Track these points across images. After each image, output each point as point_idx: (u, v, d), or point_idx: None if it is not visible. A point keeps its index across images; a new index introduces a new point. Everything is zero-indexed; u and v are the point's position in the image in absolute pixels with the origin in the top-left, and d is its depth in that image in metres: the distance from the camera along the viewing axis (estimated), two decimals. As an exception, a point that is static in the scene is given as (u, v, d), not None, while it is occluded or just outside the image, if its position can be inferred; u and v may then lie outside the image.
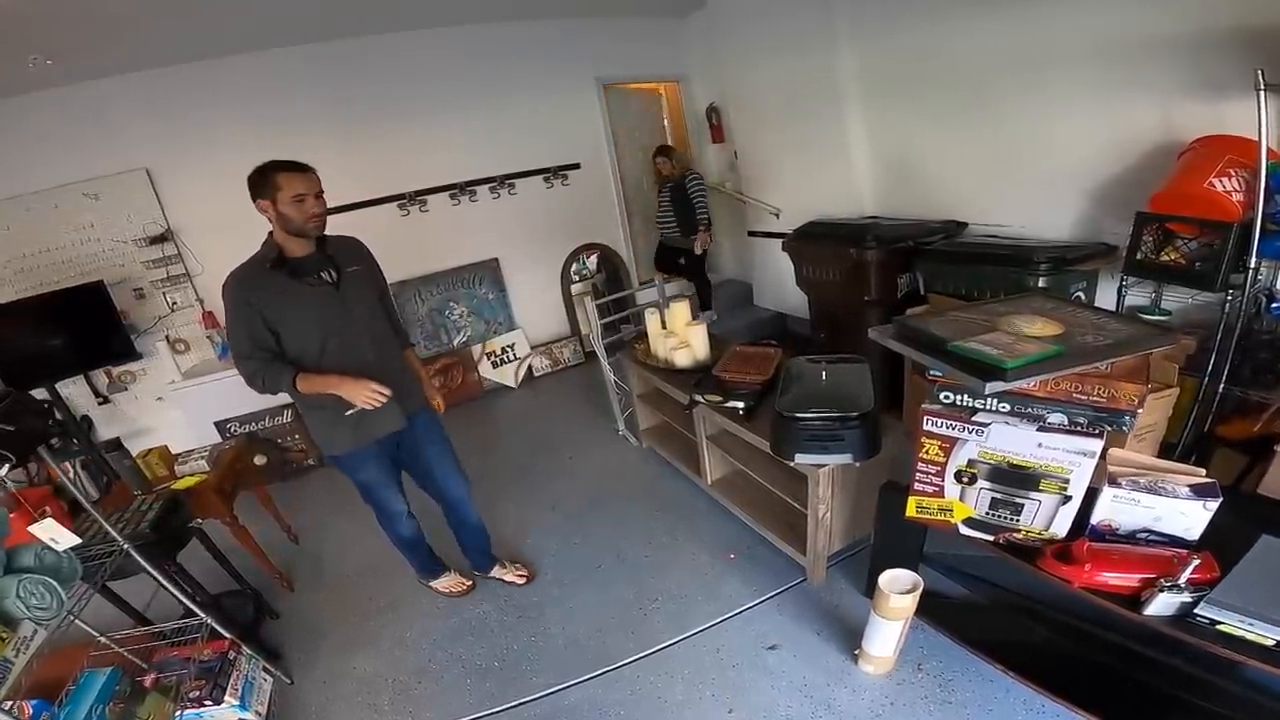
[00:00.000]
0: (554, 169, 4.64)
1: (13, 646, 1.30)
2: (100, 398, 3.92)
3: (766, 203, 4.43)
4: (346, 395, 1.69)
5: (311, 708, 1.98)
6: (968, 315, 1.59)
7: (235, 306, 1.66)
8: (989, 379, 1.24)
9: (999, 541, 1.48)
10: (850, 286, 3.19)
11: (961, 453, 1.44)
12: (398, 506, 2.09)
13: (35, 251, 3.58)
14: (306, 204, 1.64)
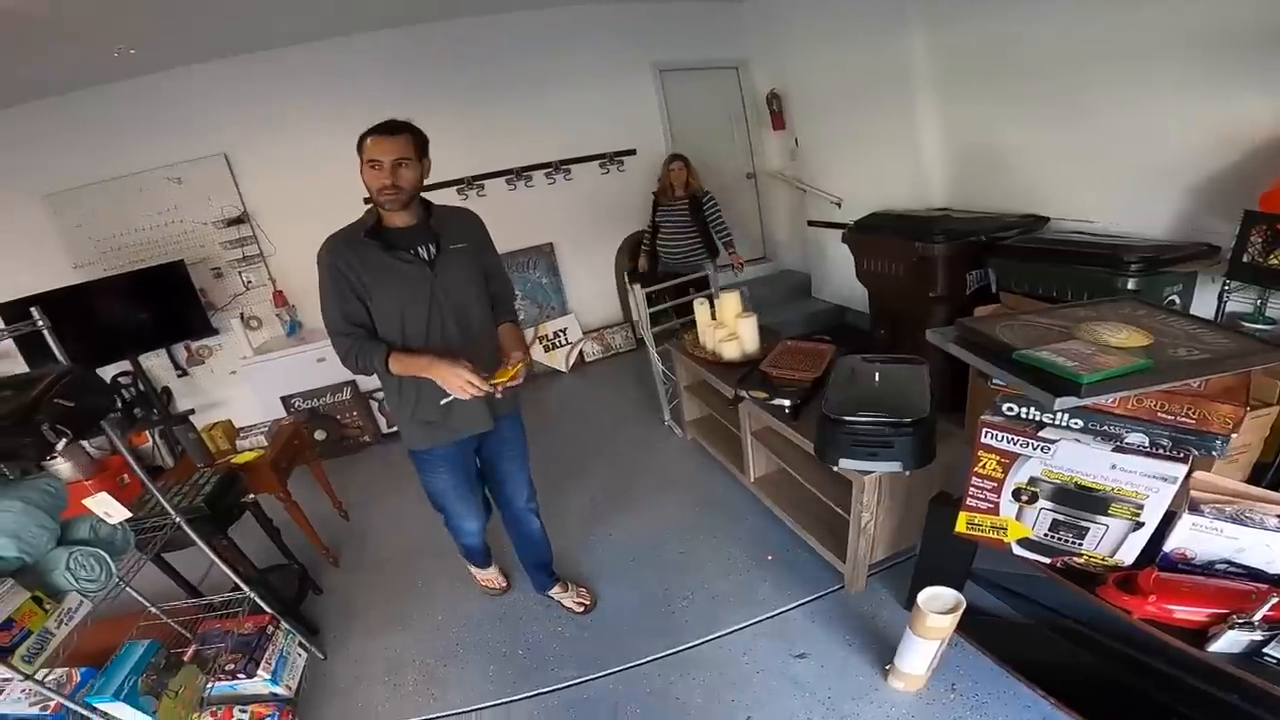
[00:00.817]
0: (610, 155, 4.62)
1: (56, 618, 1.35)
2: (180, 371, 4.20)
3: (828, 192, 4.25)
4: (440, 380, 1.53)
5: (340, 684, 2.03)
6: (1043, 320, 1.45)
7: (327, 275, 1.53)
8: (1060, 393, 1.11)
9: (1056, 565, 1.35)
10: (913, 282, 3.01)
11: (1023, 470, 1.32)
12: (470, 525, 1.99)
13: (123, 232, 3.85)
14: (381, 172, 1.47)
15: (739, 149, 5.12)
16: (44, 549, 1.40)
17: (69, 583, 1.41)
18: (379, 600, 2.42)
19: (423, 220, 1.61)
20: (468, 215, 1.75)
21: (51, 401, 1.38)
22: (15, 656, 1.22)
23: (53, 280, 3.47)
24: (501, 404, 1.76)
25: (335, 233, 1.58)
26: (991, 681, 1.62)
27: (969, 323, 1.47)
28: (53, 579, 1.40)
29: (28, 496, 1.39)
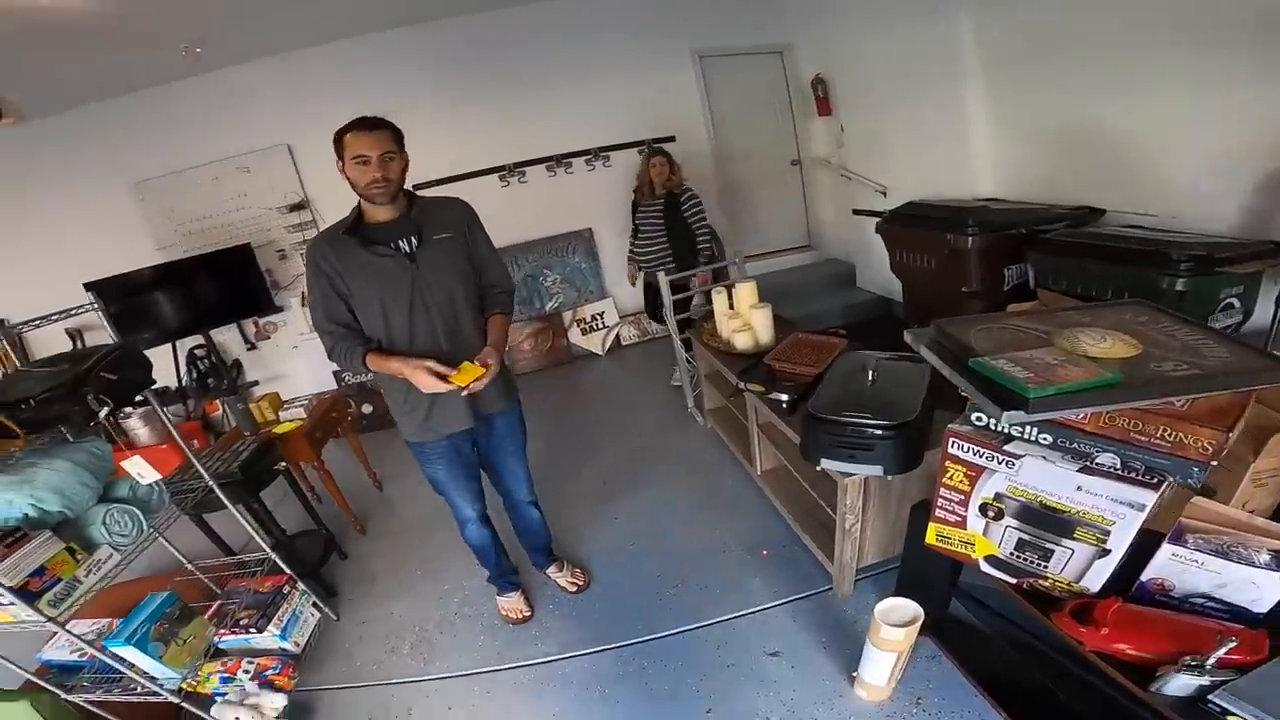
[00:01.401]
0: (648, 142, 4.59)
1: (85, 568, 1.48)
2: (249, 345, 4.58)
3: (873, 180, 4.08)
4: (410, 379, 1.55)
5: (345, 644, 2.19)
6: (1026, 324, 1.36)
7: (312, 274, 1.57)
8: (1008, 406, 1.05)
9: (1022, 586, 1.29)
10: (946, 275, 2.87)
11: (988, 484, 1.25)
12: (466, 512, 1.96)
13: (199, 217, 4.24)
14: (369, 167, 1.48)
15: (783, 135, 4.98)
16: (85, 505, 1.57)
17: (103, 536, 1.57)
18: (395, 567, 2.58)
19: (405, 213, 1.61)
20: (454, 204, 1.73)
21: (98, 375, 1.55)
22: (42, 601, 1.37)
23: (139, 260, 3.89)
24: (490, 401, 1.75)
25: (319, 232, 1.65)
26: (960, 699, 1.56)
27: (945, 323, 1.40)
28: (89, 533, 1.57)
29: (75, 457, 1.56)
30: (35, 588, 1.37)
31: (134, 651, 1.60)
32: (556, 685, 1.86)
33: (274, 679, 1.86)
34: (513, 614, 2.16)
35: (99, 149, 3.99)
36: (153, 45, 3.22)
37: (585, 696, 1.81)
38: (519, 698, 1.86)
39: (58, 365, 1.59)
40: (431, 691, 1.94)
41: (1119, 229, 2.48)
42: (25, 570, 1.38)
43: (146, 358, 1.80)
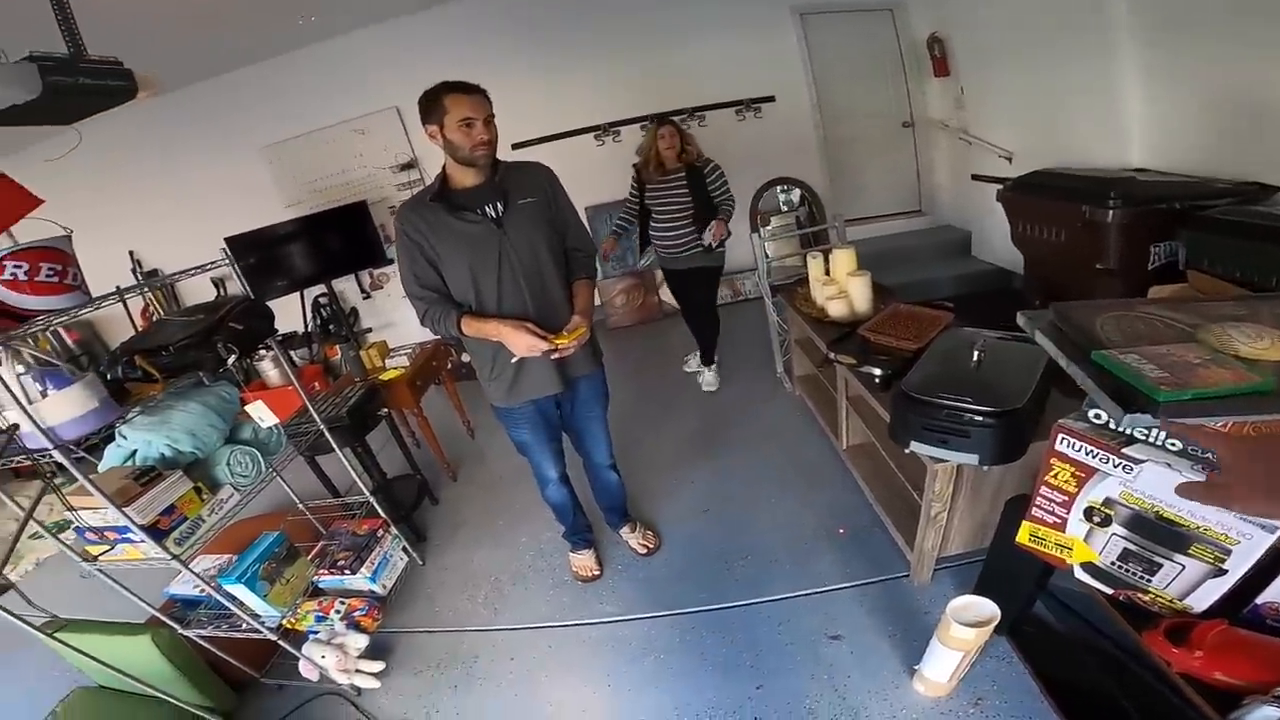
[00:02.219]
0: (746, 101, 4.43)
1: (209, 507, 1.59)
2: (365, 294, 4.98)
3: (997, 145, 3.70)
4: (507, 343, 1.58)
5: (427, 589, 2.34)
6: (1165, 313, 1.19)
7: (400, 242, 1.60)
8: (1133, 409, 0.94)
9: (1118, 597, 1.17)
10: (1078, 251, 2.57)
11: (1099, 487, 1.14)
12: (549, 473, 2.03)
13: (321, 177, 4.62)
14: (474, 129, 1.48)
15: (893, 96, 4.63)
16: (214, 446, 1.73)
17: (226, 476, 1.71)
18: (480, 517, 2.73)
19: (489, 178, 1.60)
20: (537, 168, 1.72)
21: (227, 324, 1.68)
22: (169, 539, 1.49)
23: (271, 217, 4.29)
24: (577, 365, 1.78)
25: (405, 201, 1.64)
26: (1023, 704, 1.47)
27: (1066, 308, 1.25)
28: (214, 473, 1.71)
29: (206, 400, 1.72)
30: (164, 526, 1.49)
31: (243, 590, 1.72)
32: (615, 646, 1.91)
33: (360, 620, 2.00)
34: (583, 571, 2.23)
35: (232, 116, 4.42)
36: (273, 15, 3.47)
37: (640, 660, 1.85)
38: (577, 655, 1.93)
39: (194, 315, 1.72)
40: (498, 641, 2.05)
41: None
42: (157, 508, 1.48)
43: (270, 309, 1.92)
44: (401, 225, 1.59)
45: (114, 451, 1.61)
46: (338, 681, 1.89)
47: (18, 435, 1.31)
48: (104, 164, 4.40)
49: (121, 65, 1.69)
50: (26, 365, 1.34)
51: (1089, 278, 2.54)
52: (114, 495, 1.39)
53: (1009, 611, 1.47)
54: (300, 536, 2.15)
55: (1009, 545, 1.47)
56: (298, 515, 2.38)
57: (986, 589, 1.51)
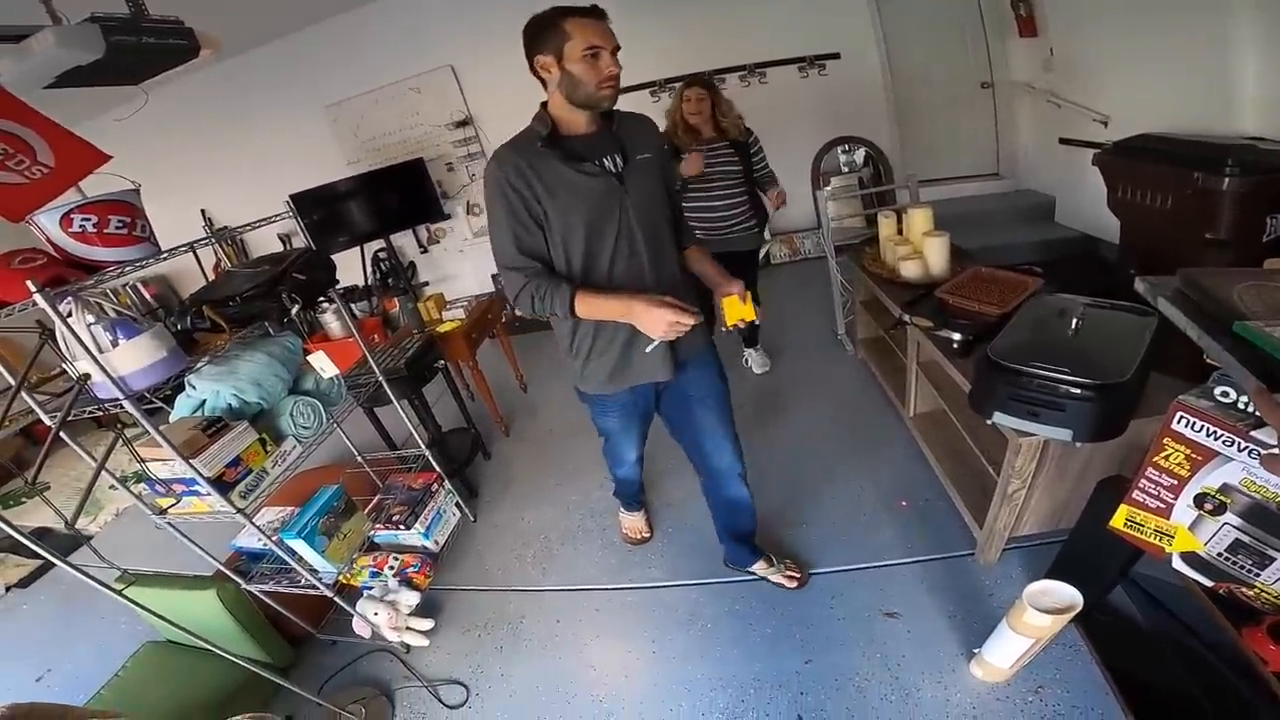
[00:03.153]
0: (810, 58, 4.23)
1: (273, 459, 1.57)
2: (422, 248, 5.07)
3: (1090, 108, 3.42)
4: (643, 324, 1.28)
5: (477, 546, 2.37)
6: (1318, 284, 1.06)
7: (497, 196, 1.27)
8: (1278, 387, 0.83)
9: (1218, 590, 1.07)
10: (1184, 219, 2.36)
11: (1216, 473, 1.03)
12: (628, 455, 1.84)
13: (381, 135, 4.69)
14: (601, 61, 1.21)
15: (970, 56, 4.32)
16: (279, 397, 1.73)
17: (290, 427, 1.70)
18: (532, 473, 2.75)
19: (604, 127, 1.34)
20: (647, 121, 1.46)
21: (291, 275, 1.67)
22: (234, 492, 1.48)
23: (333, 174, 4.36)
24: (690, 344, 1.47)
25: (501, 147, 1.29)
26: (1086, 696, 1.40)
27: (1197, 274, 1.13)
28: (279, 424, 1.70)
29: (271, 351, 1.72)
30: (230, 478, 1.49)
31: (303, 544, 1.73)
32: (661, 612, 1.89)
33: (413, 576, 2.02)
34: (633, 534, 2.18)
35: (293, 77, 4.49)
36: None
37: (687, 628, 1.83)
38: (623, 620, 1.93)
39: (259, 267, 1.72)
40: (545, 602, 2.06)
41: None
42: (224, 459, 1.47)
43: (331, 260, 1.91)
44: (501, 174, 1.25)
45: (184, 401, 1.62)
46: (388, 639, 1.92)
47: (90, 385, 1.32)
48: (174, 127, 4.59)
49: (183, 24, 1.70)
50: (96, 315, 1.34)
51: (1195, 247, 2.33)
52: (181, 447, 1.40)
53: (1086, 597, 1.37)
54: (357, 490, 2.17)
55: (1096, 528, 1.38)
56: (356, 468, 2.41)
57: (1063, 572, 1.42)
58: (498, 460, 2.91)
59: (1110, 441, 1.43)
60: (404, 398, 2.31)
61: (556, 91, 1.27)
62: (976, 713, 1.44)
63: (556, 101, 1.29)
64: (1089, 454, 1.54)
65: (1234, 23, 2.56)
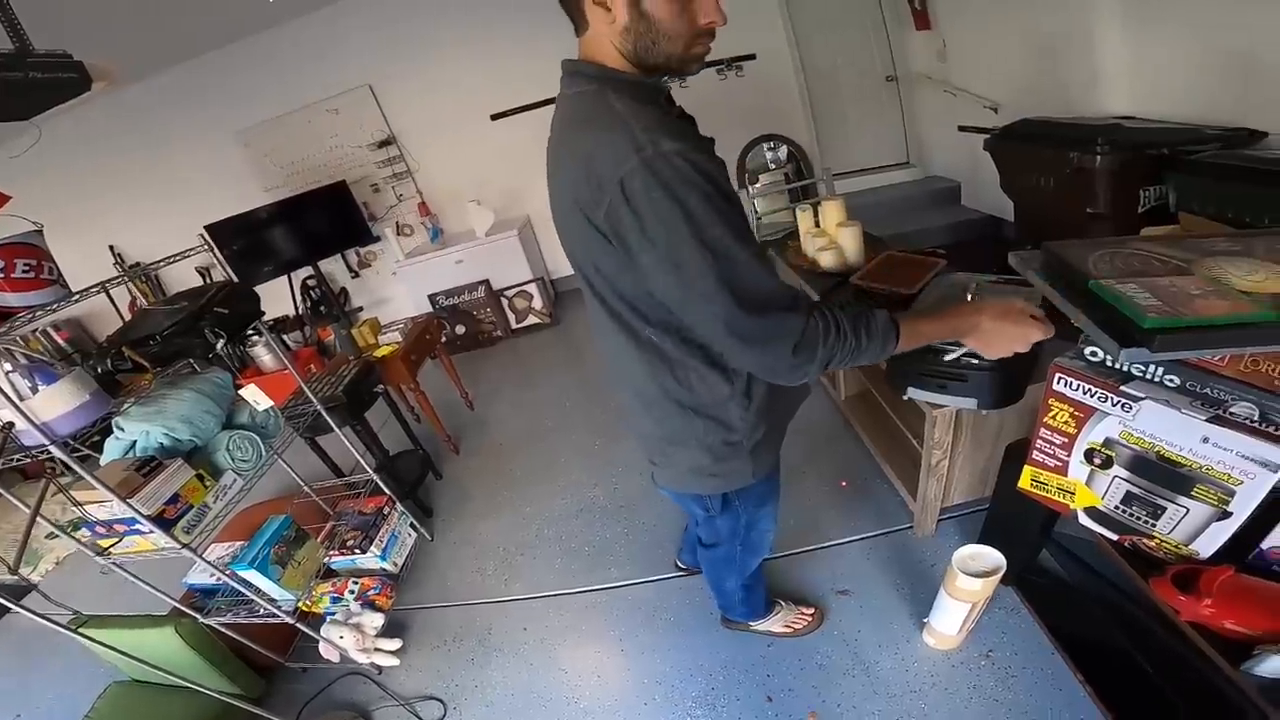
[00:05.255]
0: (728, 60, 4.36)
1: (213, 494, 1.58)
2: (353, 273, 4.94)
3: (981, 96, 3.68)
4: (995, 350, 1.06)
5: (439, 564, 2.38)
6: (1160, 249, 1.20)
7: (718, 197, 0.77)
8: (1130, 343, 0.95)
9: (1123, 543, 1.20)
10: (1068, 197, 2.59)
11: (1098, 428, 1.15)
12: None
13: (299, 158, 4.54)
14: (698, 4, 0.80)
15: (875, 51, 4.56)
16: (211, 432, 1.71)
17: (227, 462, 1.69)
18: (485, 488, 2.76)
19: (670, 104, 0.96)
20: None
21: (212, 310, 1.67)
22: (177, 528, 1.48)
23: (251, 202, 4.21)
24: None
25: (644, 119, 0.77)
26: (1034, 655, 1.52)
27: (1058, 245, 1.25)
28: (215, 459, 1.69)
29: (200, 387, 1.70)
30: (171, 515, 1.49)
31: (256, 575, 1.73)
32: (625, 611, 1.95)
33: (375, 599, 2.03)
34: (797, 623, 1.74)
35: (202, 102, 4.30)
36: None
37: (652, 623, 1.90)
38: (589, 621, 1.98)
39: (177, 303, 1.71)
40: (511, 612, 2.09)
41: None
42: (162, 497, 1.47)
43: (254, 292, 1.90)
44: (711, 169, 0.77)
45: (113, 444, 1.60)
46: (358, 661, 1.92)
47: (14, 434, 1.31)
48: (76, 160, 4.34)
49: (71, 58, 1.65)
50: (12, 363, 1.33)
51: (1080, 222, 2.56)
52: (117, 487, 1.39)
53: (1014, 561, 1.50)
54: (308, 519, 2.17)
55: (1011, 492, 1.50)
56: (303, 498, 2.39)
57: (991, 538, 1.54)
58: (450, 479, 2.90)
59: (1015, 407, 1.57)
60: (346, 425, 2.29)
61: (611, 43, 0.83)
62: (936, 679, 1.54)
63: (607, 54, 0.84)
64: (999, 421, 1.68)
65: (1097, 9, 2.81)
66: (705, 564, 1.54)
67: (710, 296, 0.79)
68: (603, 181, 0.77)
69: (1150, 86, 2.75)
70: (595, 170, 0.78)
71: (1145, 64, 2.74)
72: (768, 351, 0.83)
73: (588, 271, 0.95)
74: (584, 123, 0.84)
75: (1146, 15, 2.63)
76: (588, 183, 0.79)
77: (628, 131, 0.76)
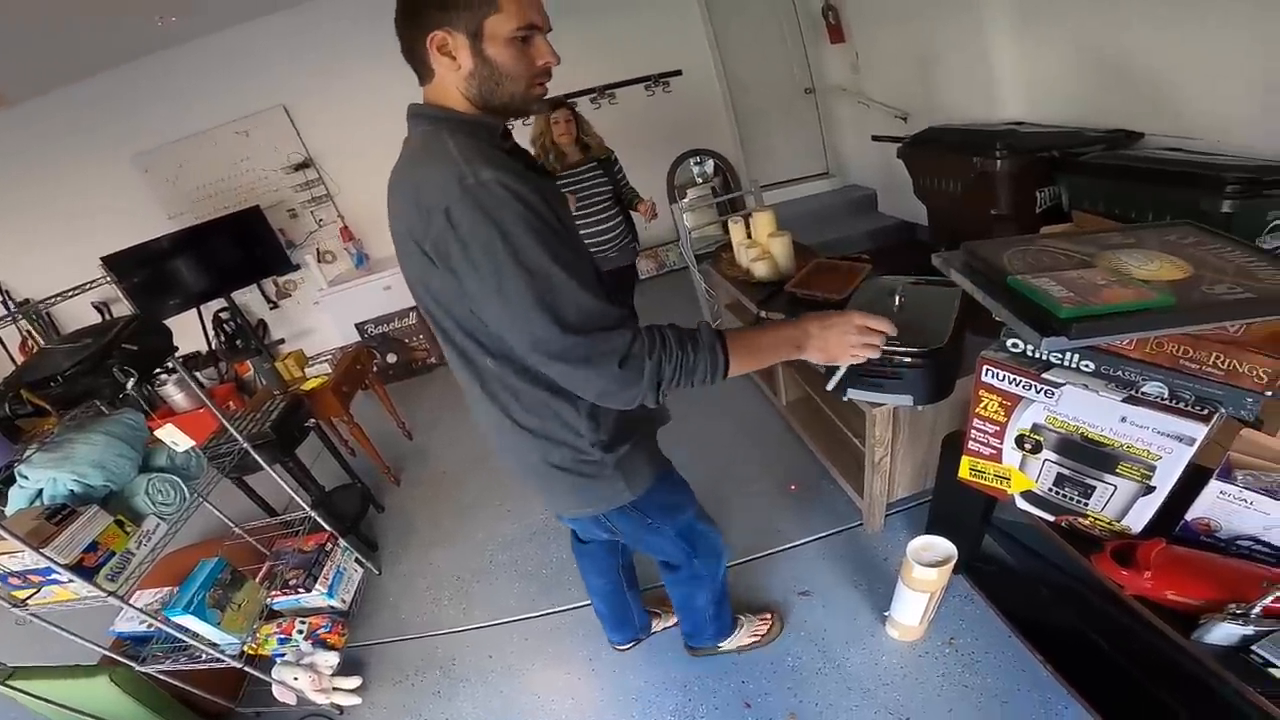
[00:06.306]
0: (655, 76, 4.47)
1: (135, 539, 1.52)
2: (271, 304, 4.64)
3: (892, 106, 3.90)
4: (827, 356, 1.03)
5: (390, 598, 2.28)
6: (1065, 245, 1.30)
7: (537, 222, 0.79)
8: (1048, 332, 1.01)
9: (1060, 524, 1.27)
10: (974, 199, 2.77)
11: (1026, 415, 1.23)
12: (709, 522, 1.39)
13: (206, 183, 4.24)
14: (538, 47, 0.88)
15: (795, 64, 4.78)
16: (127, 477, 1.62)
17: (148, 506, 1.62)
18: (431, 517, 2.65)
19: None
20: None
21: (120, 347, 1.56)
22: (100, 576, 1.41)
23: (153, 230, 3.90)
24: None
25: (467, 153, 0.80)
26: (994, 640, 1.58)
27: (976, 245, 1.33)
28: (134, 504, 1.62)
29: (111, 430, 1.60)
30: (91, 563, 1.41)
31: (193, 619, 1.65)
32: (591, 630, 1.90)
33: (326, 637, 1.94)
34: (760, 628, 1.75)
35: (95, 124, 3.96)
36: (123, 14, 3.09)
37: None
38: (555, 643, 1.93)
39: (80, 341, 1.61)
40: (473, 640, 2.02)
41: (1158, 152, 2.36)
42: (78, 546, 1.40)
43: (165, 326, 1.80)
44: (527, 192, 0.79)
45: (17, 494, 1.51)
46: (317, 702, 1.83)
47: None
48: None
49: None
50: None
51: (985, 224, 2.75)
52: (27, 536, 1.31)
53: (961, 549, 1.56)
54: (243, 560, 2.08)
55: (952, 482, 1.57)
56: (236, 539, 2.27)
57: (937, 528, 1.60)
58: (393, 510, 2.78)
59: (948, 401, 1.65)
60: (276, 462, 2.17)
61: (456, 88, 0.87)
62: (905, 670, 1.58)
63: (452, 99, 0.88)
64: (934, 415, 1.76)
65: (988, 20, 3.04)
66: (674, 590, 1.55)
67: (529, 317, 0.80)
68: (429, 211, 0.80)
69: (1041, 93, 3.00)
70: (423, 201, 0.81)
71: (1035, 71, 2.99)
72: (594, 370, 0.83)
73: (428, 303, 0.96)
74: (418, 160, 0.88)
75: (1035, 26, 2.88)
76: (417, 212, 0.82)
77: (454, 164, 0.80)
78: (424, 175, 0.83)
